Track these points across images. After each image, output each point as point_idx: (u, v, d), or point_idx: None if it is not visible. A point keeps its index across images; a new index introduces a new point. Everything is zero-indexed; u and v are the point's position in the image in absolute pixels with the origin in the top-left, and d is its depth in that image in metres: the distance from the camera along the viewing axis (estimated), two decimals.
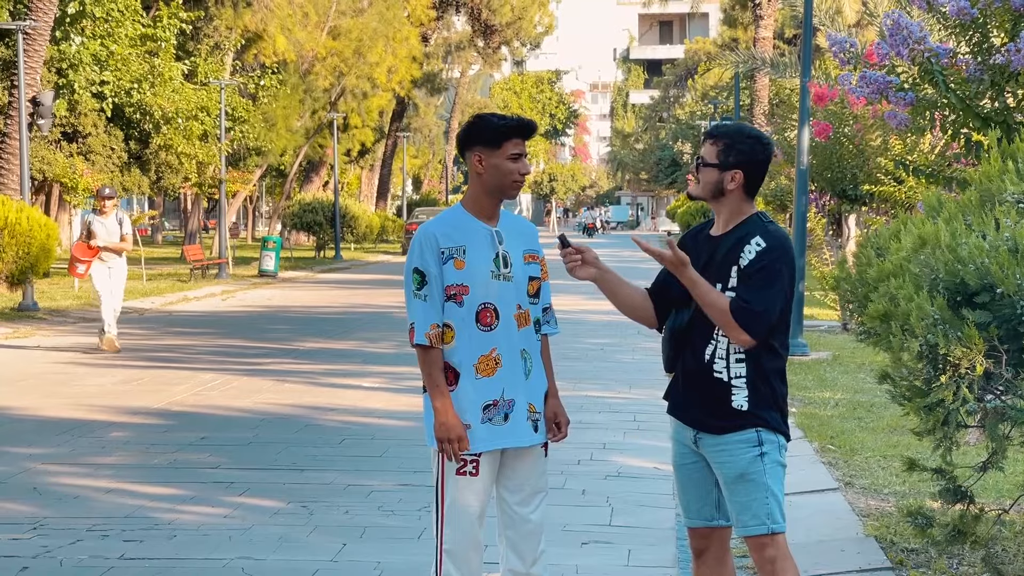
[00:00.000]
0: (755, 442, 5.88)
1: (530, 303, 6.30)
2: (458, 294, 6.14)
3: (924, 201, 8.03)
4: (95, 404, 15.45)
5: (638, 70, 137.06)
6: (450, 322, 6.17)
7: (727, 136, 5.97)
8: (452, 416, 6.10)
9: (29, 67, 33.48)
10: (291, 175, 66.87)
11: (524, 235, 6.36)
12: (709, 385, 5.92)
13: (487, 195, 6.24)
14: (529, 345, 6.29)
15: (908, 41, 9.06)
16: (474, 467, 6.17)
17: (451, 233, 6.19)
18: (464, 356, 6.16)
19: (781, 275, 5.83)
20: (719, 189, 5.95)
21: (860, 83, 9.57)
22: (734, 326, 5.78)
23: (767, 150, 5.99)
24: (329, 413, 14.88)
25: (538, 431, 6.31)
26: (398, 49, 62.52)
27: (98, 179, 37.98)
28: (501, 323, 6.17)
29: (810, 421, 13.89)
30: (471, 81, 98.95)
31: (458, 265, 6.14)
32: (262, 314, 29.72)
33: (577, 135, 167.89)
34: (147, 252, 57.43)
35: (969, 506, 7.68)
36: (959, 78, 9.46)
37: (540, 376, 6.35)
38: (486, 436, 6.17)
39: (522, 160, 6.21)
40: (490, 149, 6.18)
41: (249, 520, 9.90)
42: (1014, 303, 6.70)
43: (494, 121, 6.22)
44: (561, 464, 11.96)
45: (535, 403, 6.29)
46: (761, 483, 5.88)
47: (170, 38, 42.41)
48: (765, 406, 5.89)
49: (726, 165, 5.92)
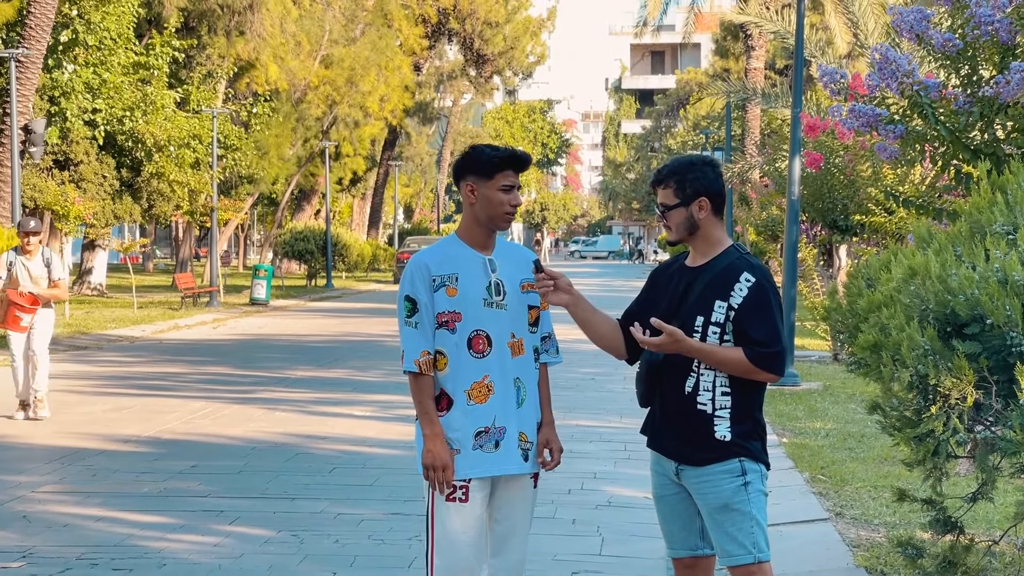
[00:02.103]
0: (739, 472, 5.91)
1: (528, 331, 6.32)
2: (450, 321, 6.16)
3: (914, 232, 8.05)
4: (84, 432, 15.43)
5: (630, 100, 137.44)
6: (442, 349, 6.19)
7: (674, 174, 6.05)
8: (440, 444, 6.12)
9: (21, 95, 33.47)
10: (283, 203, 66.87)
11: (522, 264, 6.36)
12: (691, 417, 5.95)
13: (479, 225, 6.27)
14: (524, 374, 6.30)
15: (897, 74, 9.09)
16: (464, 493, 6.17)
17: (443, 262, 6.22)
18: (456, 382, 6.18)
19: (776, 307, 5.91)
20: (692, 224, 6.02)
21: (850, 116, 9.61)
22: (758, 372, 5.87)
23: (714, 168, 6.09)
24: (320, 442, 14.87)
25: (528, 460, 6.31)
26: (390, 78, 62.59)
27: (89, 207, 37.97)
28: (494, 350, 6.19)
29: (800, 451, 13.89)
30: (463, 110, 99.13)
31: (450, 293, 6.16)
32: (253, 342, 29.70)
33: (569, 164, 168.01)
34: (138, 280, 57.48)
35: (959, 537, 7.69)
36: (948, 110, 9.50)
37: (533, 405, 6.35)
38: (476, 462, 6.17)
39: (514, 192, 6.24)
40: (482, 179, 6.20)
41: (239, 549, 9.88)
42: (1004, 334, 6.71)
43: (487, 152, 6.25)
44: (552, 494, 11.95)
45: (527, 432, 6.29)
46: (746, 512, 5.90)
47: (163, 66, 42.48)
48: (747, 436, 5.93)
49: (687, 199, 6.00)
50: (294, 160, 58.80)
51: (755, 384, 5.93)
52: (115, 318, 34.49)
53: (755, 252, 42.24)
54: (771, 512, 10.99)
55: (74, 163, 39.86)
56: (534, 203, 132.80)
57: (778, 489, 12.15)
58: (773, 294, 5.92)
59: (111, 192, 40.69)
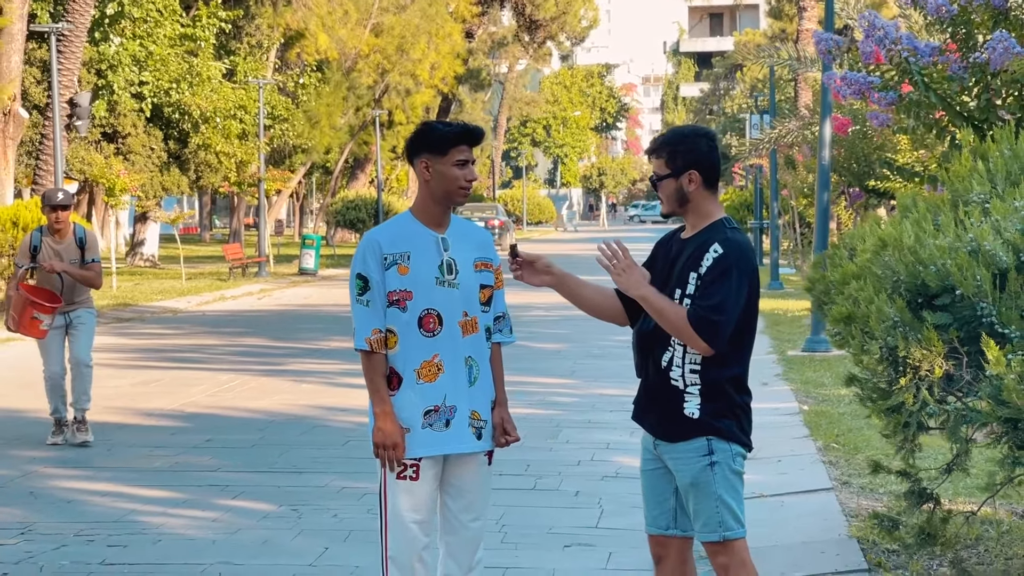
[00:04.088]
0: (705, 451, 5.85)
1: (481, 311, 6.30)
2: (401, 299, 6.14)
3: (898, 201, 7.97)
4: (109, 406, 15.53)
5: (688, 63, 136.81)
6: (393, 327, 6.18)
7: (667, 144, 5.97)
8: (390, 423, 6.14)
9: (67, 68, 33.75)
10: (336, 172, 67.06)
11: (476, 243, 6.34)
12: (666, 392, 5.92)
13: (434, 202, 6.24)
14: (476, 353, 6.27)
15: (884, 41, 8.98)
16: (414, 471, 6.17)
17: (396, 239, 6.19)
18: (406, 361, 6.18)
19: (738, 282, 5.79)
20: (682, 196, 5.93)
21: (843, 83, 9.51)
22: (692, 335, 5.77)
23: (709, 140, 5.97)
24: (339, 414, 14.90)
25: (482, 439, 6.29)
26: (441, 45, 62.51)
27: (136, 179, 38.22)
28: (444, 329, 6.17)
29: (819, 419, 13.82)
30: (519, 76, 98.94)
31: (402, 271, 6.14)
32: (294, 313, 29.82)
33: (629, 128, 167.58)
34: (194, 250, 57.81)
35: (936, 508, 7.63)
36: (942, 76, 9.37)
37: (486, 384, 6.33)
38: (426, 441, 6.16)
39: (468, 167, 6.20)
40: (436, 156, 6.17)
41: (236, 524, 9.93)
42: (974, 304, 6.64)
43: (439, 128, 6.22)
44: (560, 465, 11.96)
45: (479, 411, 6.28)
46: (711, 492, 5.85)
47: (209, 37, 42.62)
48: (719, 415, 5.85)
49: (678, 171, 5.92)
50: (346, 129, 58.91)
51: (723, 360, 5.85)
52: (162, 290, 34.72)
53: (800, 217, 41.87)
54: (776, 481, 11.06)
55: (122, 136, 40.12)
56: (592, 168, 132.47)
57: (788, 458, 12.10)
58: (738, 269, 5.78)
59: (159, 164, 40.95)
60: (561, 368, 18.83)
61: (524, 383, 16.41)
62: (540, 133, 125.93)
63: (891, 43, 9.00)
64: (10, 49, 33.01)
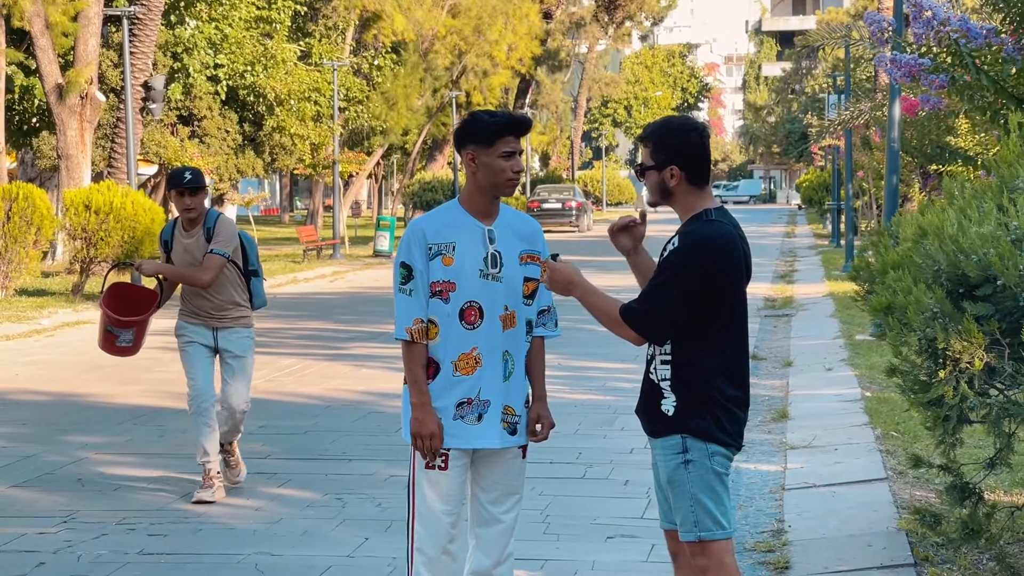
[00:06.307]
0: (679, 449, 5.71)
1: (523, 304, 6.23)
2: (444, 291, 6.11)
3: (945, 187, 7.76)
4: (169, 391, 15.49)
5: (770, 42, 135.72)
6: (435, 318, 6.15)
7: (653, 136, 5.83)
8: (428, 413, 6.12)
9: (141, 52, 33.91)
10: (414, 154, 67.12)
11: (524, 235, 6.27)
12: (648, 387, 5.83)
13: (481, 193, 6.17)
14: (513, 347, 6.23)
15: (932, 23, 8.76)
16: (443, 461, 6.16)
17: (442, 229, 6.14)
18: (445, 352, 6.15)
19: (681, 273, 5.62)
20: (664, 189, 5.79)
21: (892, 65, 9.28)
22: (621, 326, 5.71)
23: (697, 134, 5.77)
24: (395, 400, 14.65)
25: (516, 434, 6.25)
26: (518, 26, 62.46)
27: (210, 162, 38.37)
28: (485, 322, 6.13)
29: (880, 406, 13.55)
30: (598, 56, 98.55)
31: (446, 262, 6.10)
32: (363, 296, 29.83)
33: (712, 108, 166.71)
34: (268, 233, 58.03)
35: (979, 503, 7.42)
36: (995, 58, 9.12)
37: (521, 379, 6.27)
38: (457, 433, 6.15)
39: (515, 158, 6.13)
40: (483, 147, 6.09)
41: (279, 513, 9.86)
42: (1016, 295, 6.45)
43: (485, 119, 6.14)
44: (613, 453, 11.82)
45: (514, 406, 6.24)
46: (685, 491, 5.71)
47: (284, 20, 42.73)
48: (694, 413, 5.67)
49: (660, 164, 5.77)
50: (423, 110, 58.96)
51: (697, 353, 5.69)
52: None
53: (876, 200, 41.37)
54: (830, 471, 10.85)
55: (197, 119, 40.31)
56: None
57: (844, 447, 11.88)
58: (685, 264, 5.61)
59: (233, 147, 41.08)
60: (624, 353, 18.58)
61: (585, 368, 16.27)
62: (621, 114, 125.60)
63: (939, 24, 8.79)
64: (87, 33, 33.24)
